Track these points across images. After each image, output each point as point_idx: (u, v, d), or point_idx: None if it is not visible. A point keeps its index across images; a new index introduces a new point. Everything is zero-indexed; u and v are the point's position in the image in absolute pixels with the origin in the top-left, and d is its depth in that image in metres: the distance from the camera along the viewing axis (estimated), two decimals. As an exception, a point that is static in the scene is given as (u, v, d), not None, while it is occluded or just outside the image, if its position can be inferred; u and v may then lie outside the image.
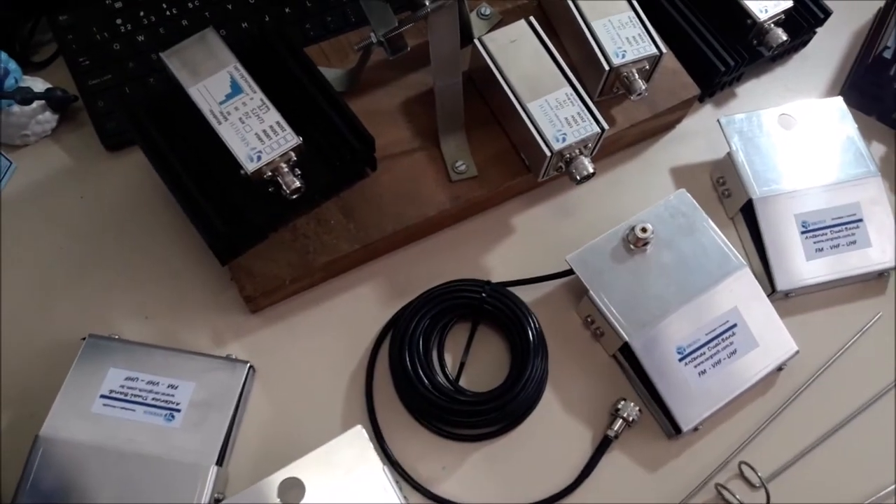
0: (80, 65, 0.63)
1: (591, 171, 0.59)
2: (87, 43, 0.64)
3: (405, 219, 0.60)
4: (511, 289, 0.61)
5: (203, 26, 0.56)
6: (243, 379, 0.55)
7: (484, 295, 0.59)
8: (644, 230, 0.59)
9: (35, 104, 0.61)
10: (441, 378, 0.58)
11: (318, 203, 0.58)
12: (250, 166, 0.51)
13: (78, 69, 0.63)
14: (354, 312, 0.61)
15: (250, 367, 0.56)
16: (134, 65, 0.64)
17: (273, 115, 0.52)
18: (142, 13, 0.65)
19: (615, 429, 0.57)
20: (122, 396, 0.54)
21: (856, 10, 0.77)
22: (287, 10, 0.67)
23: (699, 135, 0.69)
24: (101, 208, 0.63)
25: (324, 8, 0.67)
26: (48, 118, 0.63)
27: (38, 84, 0.63)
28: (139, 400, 0.54)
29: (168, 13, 0.65)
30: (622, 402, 0.58)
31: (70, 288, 0.60)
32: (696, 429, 0.58)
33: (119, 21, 0.64)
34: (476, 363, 0.60)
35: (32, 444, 0.51)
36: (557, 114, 0.58)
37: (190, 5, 0.66)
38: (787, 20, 0.67)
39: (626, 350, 0.58)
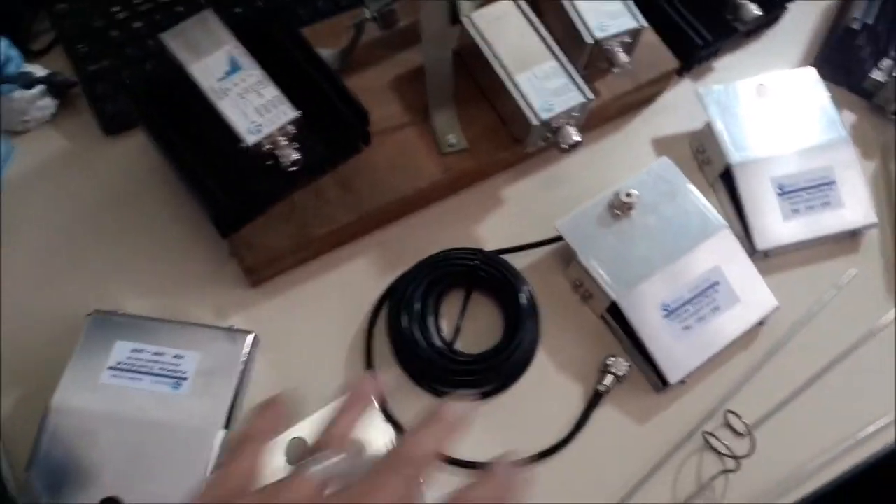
0: (78, 51, 0.65)
1: (578, 138, 0.61)
2: (84, 30, 0.66)
3: (399, 190, 0.62)
4: (503, 256, 0.64)
5: (197, 12, 0.58)
6: (247, 347, 0.57)
7: (478, 262, 0.62)
8: (629, 195, 0.61)
9: (35, 90, 0.63)
10: (438, 341, 0.60)
11: (315, 177, 0.60)
12: (250, 139, 0.53)
13: (76, 56, 0.65)
14: (353, 283, 0.63)
15: (254, 335, 0.58)
16: (131, 50, 0.66)
17: (271, 91, 0.55)
18: (137, 0, 0.67)
19: (606, 384, 0.60)
20: (129, 367, 0.56)
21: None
22: (279, -6, 0.69)
23: (679, 107, 0.72)
24: (102, 190, 0.64)
25: (314, -8, 0.70)
26: (48, 104, 0.65)
27: (38, 71, 0.65)
28: (146, 370, 0.56)
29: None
30: (612, 359, 0.60)
31: (74, 267, 0.62)
32: (682, 382, 0.60)
33: (116, 8, 0.66)
34: (471, 327, 0.62)
35: (44, 413, 0.53)
36: (544, 85, 0.61)
37: (184, -9, 0.68)
38: (759, -5, 0.71)
39: (614, 310, 0.60)
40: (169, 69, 0.58)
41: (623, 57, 0.63)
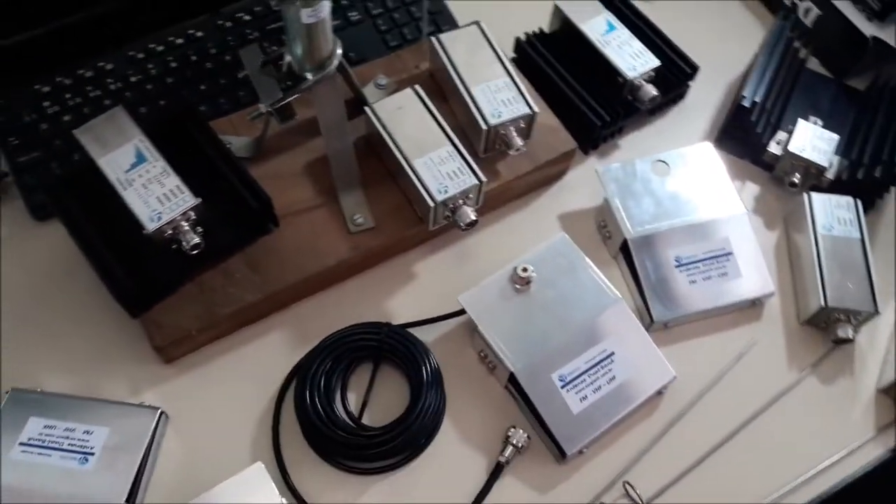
0: (9, 144, 0.70)
1: (474, 218, 0.64)
2: (16, 124, 0.70)
3: (307, 269, 0.65)
4: (411, 330, 0.66)
5: (125, 105, 0.62)
6: (154, 423, 0.59)
7: (382, 336, 0.64)
8: (525, 270, 0.64)
9: (-32, 180, 0.67)
10: (343, 416, 0.62)
11: (224, 258, 0.64)
12: (151, 226, 0.57)
13: (8, 148, 0.70)
14: (263, 360, 0.65)
15: (161, 412, 0.60)
16: (60, 142, 0.70)
17: (173, 180, 0.58)
18: (67, 95, 0.72)
19: (506, 455, 0.61)
20: (39, 443, 0.58)
21: (732, 62, 0.85)
22: (203, 87, 0.74)
23: (584, 184, 0.75)
24: (28, 272, 0.68)
25: (235, 84, 0.74)
26: (-20, 193, 0.69)
27: (-29, 162, 0.69)
28: (55, 446, 0.58)
29: (92, 94, 0.72)
30: (512, 430, 0.62)
31: (-2, 347, 0.65)
32: (581, 452, 0.62)
33: (47, 104, 0.71)
34: (380, 400, 0.64)
35: (-49, 490, 0.55)
36: (440, 169, 0.64)
37: (112, 87, 0.72)
38: (657, 77, 0.75)
39: (515, 380, 0.62)
40: (87, 160, 0.62)
41: (518, 141, 0.67)
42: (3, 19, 0.69)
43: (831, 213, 0.71)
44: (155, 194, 0.58)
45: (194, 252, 0.59)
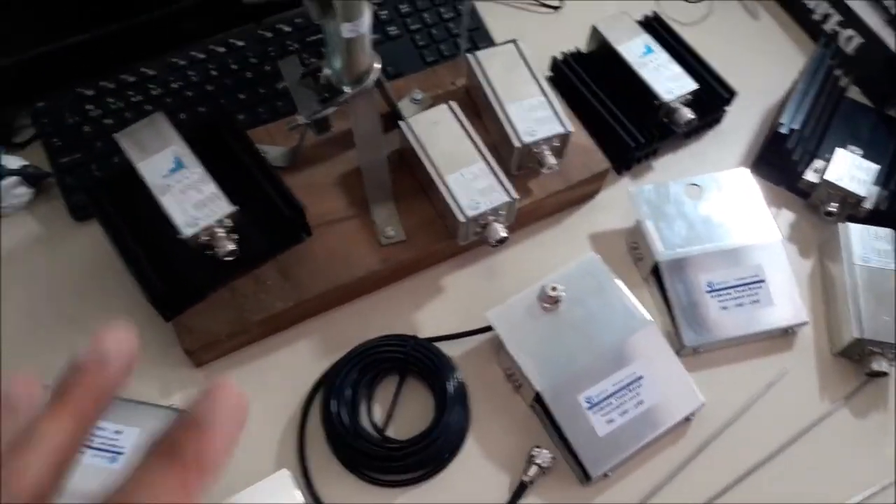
0: (53, 145, 0.71)
1: (504, 235, 0.64)
2: (60, 126, 0.72)
3: (337, 279, 0.65)
4: (438, 344, 0.66)
5: (165, 111, 0.64)
6: (181, 427, 0.60)
7: (409, 349, 0.64)
8: (554, 289, 0.64)
9: (11, 179, 0.69)
10: (368, 427, 0.62)
11: (256, 265, 0.64)
12: (187, 231, 0.58)
13: (51, 148, 0.71)
14: (291, 368, 0.66)
15: (189, 416, 0.61)
16: (101, 145, 0.71)
17: (210, 187, 0.59)
18: (110, 99, 0.73)
19: (530, 475, 0.61)
20: (69, 442, 0.59)
21: (770, 89, 0.84)
22: (241, 96, 0.75)
23: (617, 205, 0.75)
24: (66, 271, 0.69)
25: (274, 95, 0.75)
26: (23, 192, 0.71)
27: (15, 162, 0.70)
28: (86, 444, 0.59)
29: (133, 99, 0.73)
30: (536, 450, 0.62)
31: (34, 343, 0.66)
32: (605, 475, 0.61)
33: (90, 107, 0.73)
34: (405, 413, 0.64)
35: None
36: (472, 185, 0.64)
37: (154, 92, 0.74)
38: (694, 100, 0.74)
39: (540, 400, 0.62)
40: (126, 163, 0.63)
41: (551, 159, 0.67)
42: (51, 25, 0.71)
43: (868, 243, 0.70)
44: (192, 200, 0.59)
45: (228, 258, 0.59)
